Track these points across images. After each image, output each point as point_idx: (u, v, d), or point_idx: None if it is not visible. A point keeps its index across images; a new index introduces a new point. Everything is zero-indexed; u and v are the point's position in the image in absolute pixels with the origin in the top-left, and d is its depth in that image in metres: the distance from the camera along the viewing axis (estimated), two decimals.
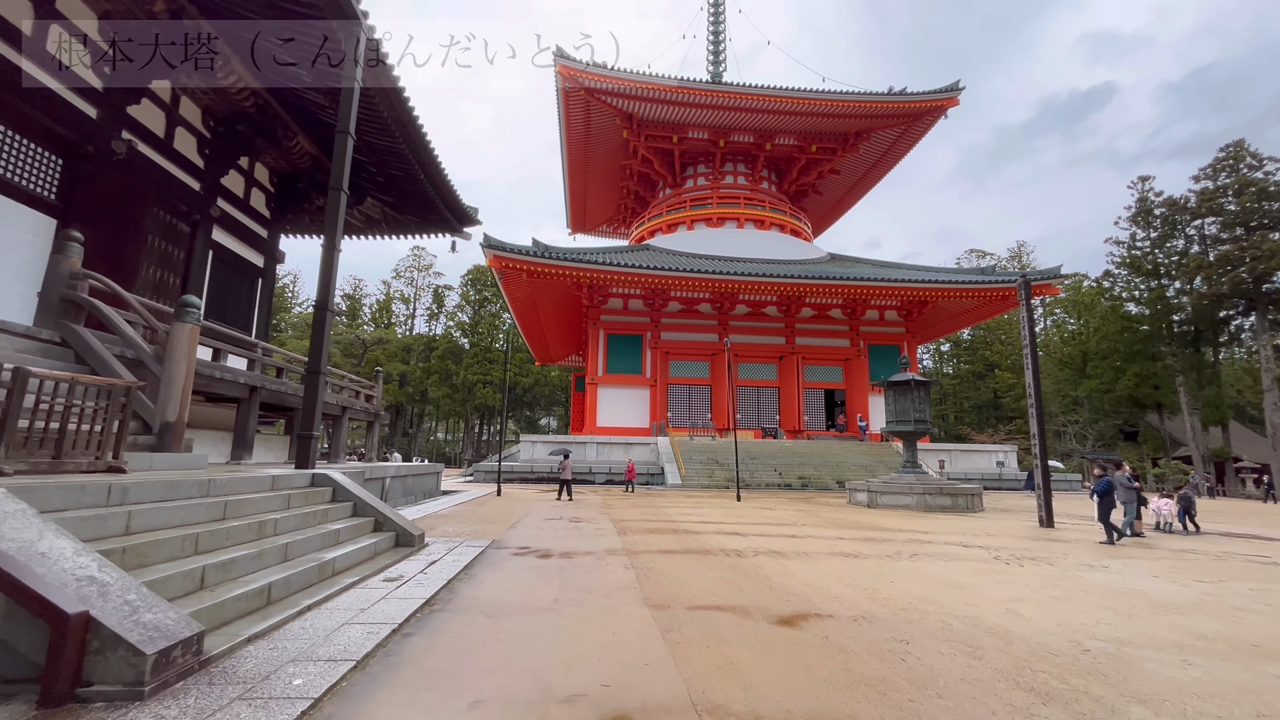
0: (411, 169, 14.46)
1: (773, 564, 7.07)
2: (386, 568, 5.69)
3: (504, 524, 10.36)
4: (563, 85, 34.33)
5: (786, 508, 16.07)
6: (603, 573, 6.29)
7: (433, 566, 5.90)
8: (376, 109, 11.98)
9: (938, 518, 14.26)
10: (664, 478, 25.32)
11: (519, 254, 28.16)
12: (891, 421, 18.01)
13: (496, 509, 13.45)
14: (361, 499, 6.96)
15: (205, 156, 12.74)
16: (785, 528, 11.09)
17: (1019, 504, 19.62)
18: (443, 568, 5.86)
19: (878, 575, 6.58)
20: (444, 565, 5.98)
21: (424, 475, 16.73)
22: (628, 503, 16.35)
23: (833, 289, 31.23)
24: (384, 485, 13.48)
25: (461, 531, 9.14)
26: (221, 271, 13.34)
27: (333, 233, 9.28)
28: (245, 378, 10.40)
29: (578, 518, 11.75)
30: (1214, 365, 40.09)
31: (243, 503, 5.14)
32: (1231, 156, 36.63)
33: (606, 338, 33.87)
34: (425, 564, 5.98)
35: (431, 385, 61.52)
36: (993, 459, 30.34)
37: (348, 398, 15.00)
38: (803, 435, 32.89)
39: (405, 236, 19.33)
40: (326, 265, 9.28)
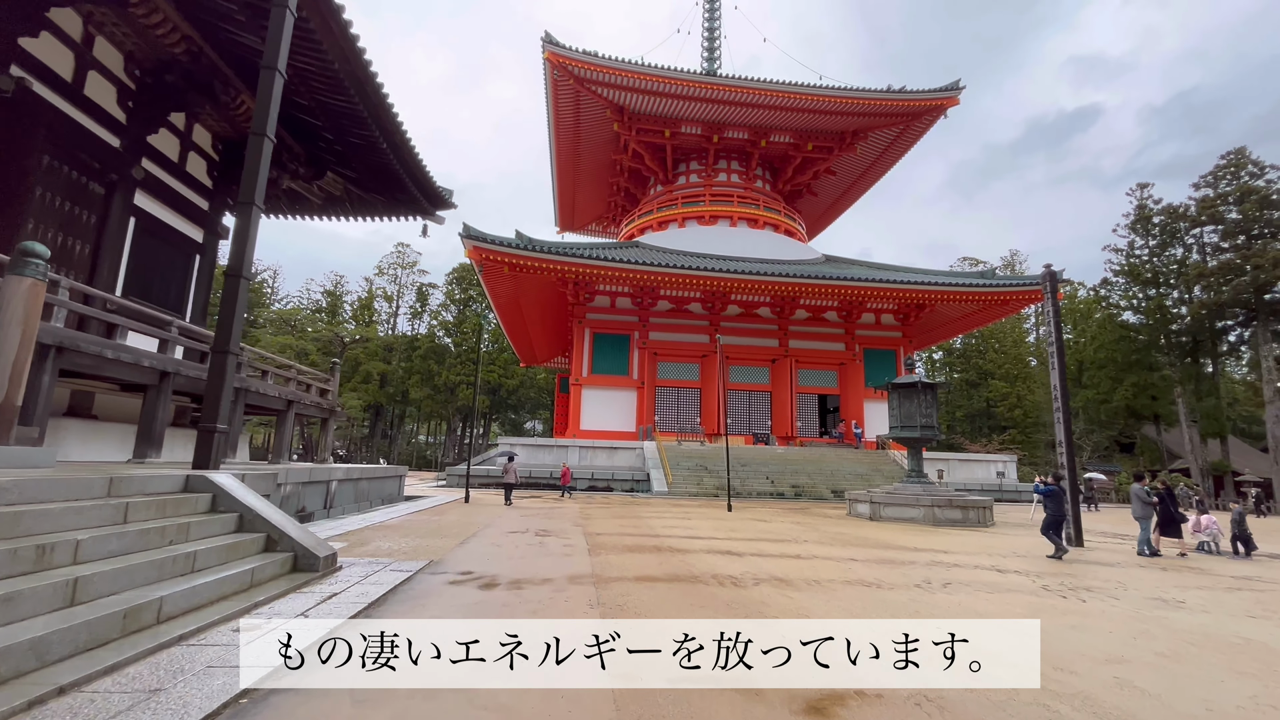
0: (372, 137, 12.92)
1: (780, 598, 5.59)
2: (255, 607, 4.14)
3: (456, 538, 8.78)
4: (552, 74, 32.91)
5: (782, 519, 14.61)
6: (557, 612, 4.76)
7: (324, 604, 4.35)
8: (326, 59, 10.46)
9: (950, 533, 12.86)
10: (650, 484, 23.80)
11: (501, 246, 26.60)
12: (896, 427, 16.63)
13: (456, 518, 11.85)
14: (252, 509, 5.39)
15: (128, 110, 11.11)
16: (785, 544, 9.62)
17: (1028, 517, 18.32)
18: (336, 606, 4.31)
19: (915, 615, 5.12)
20: (340, 603, 4.42)
21: (381, 479, 15.08)
22: (606, 512, 14.81)
23: (828, 290, 29.97)
24: (328, 490, 11.86)
25: (398, 549, 7.56)
26: (147, 243, 11.68)
27: (251, 187, 7.73)
28: (152, 360, 8.77)
29: (546, 530, 10.19)
30: (1213, 376, 39.33)
31: (34, 515, 3.58)
32: (1233, 164, 35.96)
33: (592, 337, 32.34)
34: (316, 600, 4.43)
35: (413, 386, 59.52)
36: (992, 469, 29.16)
37: (295, 390, 13.35)
38: (795, 442, 31.51)
39: (371, 218, 17.73)
40: (243, 226, 7.73)
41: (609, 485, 24.71)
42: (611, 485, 24.72)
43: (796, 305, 33.40)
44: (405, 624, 4.05)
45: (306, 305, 64.45)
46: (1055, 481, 10.31)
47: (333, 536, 7.90)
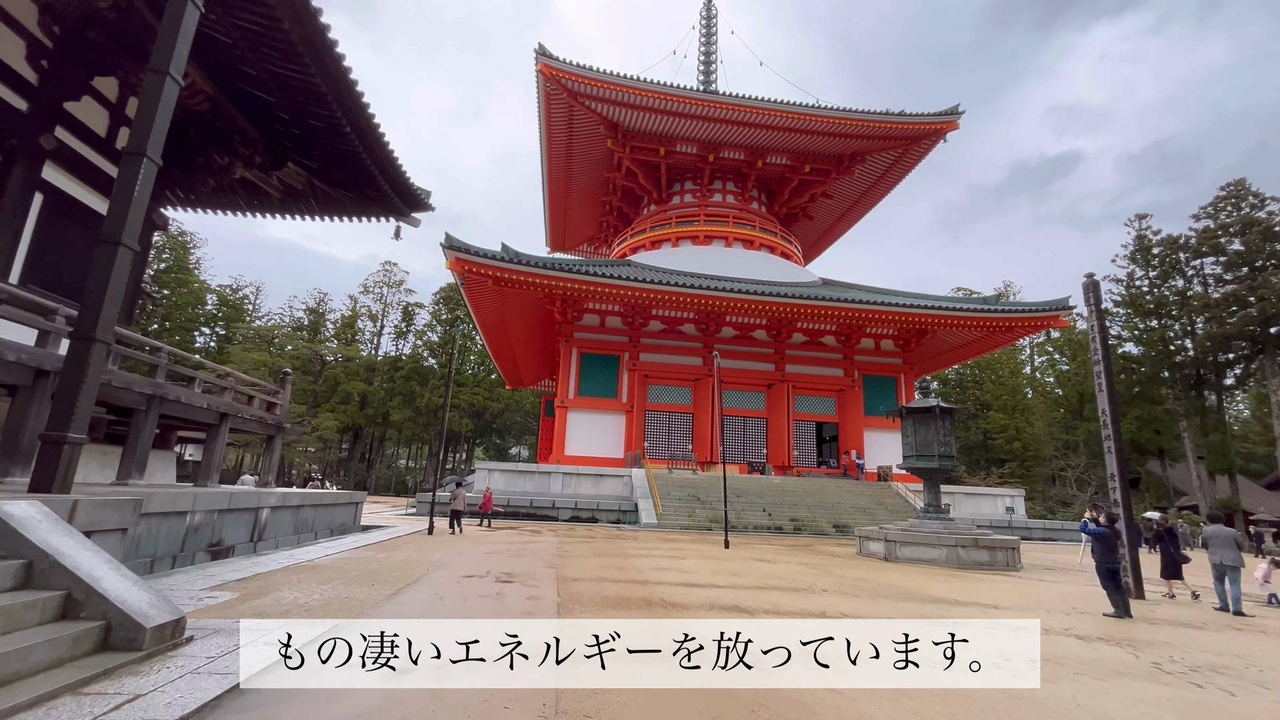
0: (334, 118, 11.47)
1: (828, 699, 3.90)
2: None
3: (392, 585, 6.97)
4: (545, 87, 32.01)
5: (787, 559, 12.86)
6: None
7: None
8: (273, 16, 9.07)
9: (981, 578, 11.18)
10: (638, 515, 21.92)
11: (485, 258, 25.14)
12: (910, 456, 15.04)
13: (407, 556, 9.99)
14: (48, 554, 3.66)
15: (41, 70, 9.61)
16: (802, 596, 7.91)
17: (1052, 558, 16.67)
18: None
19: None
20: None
21: (331, 506, 13.19)
22: (587, 549, 12.97)
23: (827, 312, 28.67)
24: (257, 520, 10.01)
25: (305, 603, 5.77)
26: (57, 225, 10.04)
27: (144, 134, 6.17)
28: (21, 354, 7.05)
29: (510, 575, 8.39)
30: (1218, 410, 38.29)
31: None
32: (1233, 195, 35.58)
33: (580, 357, 30.71)
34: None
35: (394, 408, 57.33)
36: (1000, 504, 27.55)
37: (230, 401, 11.57)
38: (792, 471, 29.78)
39: (339, 218, 16.19)
40: (127, 180, 6.15)
41: (593, 516, 22.81)
42: (596, 516, 22.81)
43: (794, 328, 32.07)
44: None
45: (288, 323, 62.44)
46: (1109, 522, 8.67)
47: (221, 585, 6.11)
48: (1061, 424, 50.03)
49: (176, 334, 52.68)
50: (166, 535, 7.69)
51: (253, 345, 52.77)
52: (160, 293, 54.40)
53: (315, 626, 4.74)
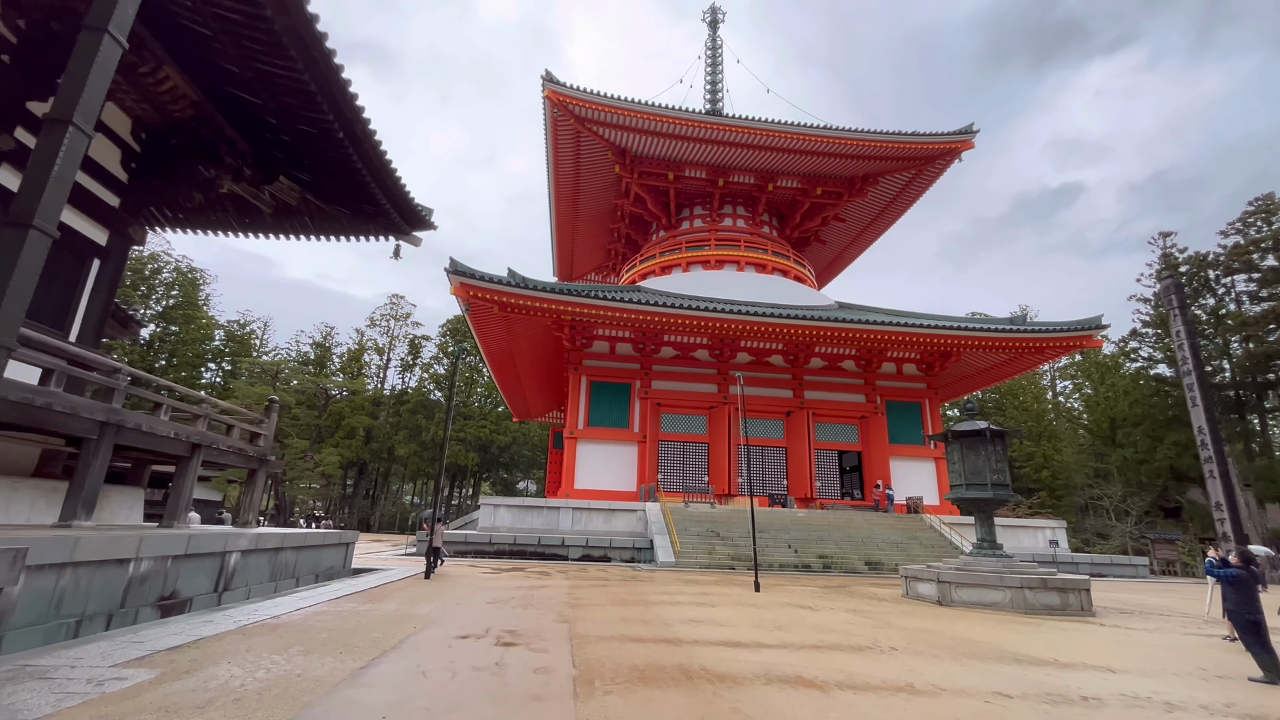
0: (326, 122, 10.58)
1: None
2: None
3: (365, 653, 5.58)
4: (552, 113, 31.67)
5: (830, 604, 11.29)
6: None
7: None
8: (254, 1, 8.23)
9: (1064, 627, 9.59)
10: (654, 553, 20.29)
11: (491, 283, 24.21)
12: (960, 485, 13.53)
13: (393, 609, 8.57)
14: None
15: (1, 65, 8.78)
16: (869, 657, 6.44)
17: (1119, 598, 14.91)
18: None
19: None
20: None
21: (317, 548, 11.82)
22: (603, 595, 11.47)
23: (847, 334, 27.36)
24: (224, 565, 8.68)
25: (234, 689, 4.41)
26: None
27: (74, 97, 5.12)
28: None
29: (515, 634, 6.96)
30: (1263, 433, 36.28)
31: None
32: (1263, 210, 34.41)
33: (589, 385, 29.47)
34: None
35: (399, 442, 56.08)
36: (1042, 537, 25.64)
37: (203, 430, 10.37)
38: (816, 504, 28.05)
39: (336, 237, 15.31)
40: (47, 151, 5.07)
41: (605, 554, 21.19)
42: (608, 554, 21.20)
43: (812, 353, 30.78)
44: None
45: (294, 357, 61.84)
46: (1243, 562, 7.19)
47: (145, 657, 4.78)
48: (1091, 451, 47.83)
49: (183, 370, 52.08)
50: (101, 589, 6.39)
51: (257, 380, 51.97)
52: (170, 328, 54.09)
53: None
